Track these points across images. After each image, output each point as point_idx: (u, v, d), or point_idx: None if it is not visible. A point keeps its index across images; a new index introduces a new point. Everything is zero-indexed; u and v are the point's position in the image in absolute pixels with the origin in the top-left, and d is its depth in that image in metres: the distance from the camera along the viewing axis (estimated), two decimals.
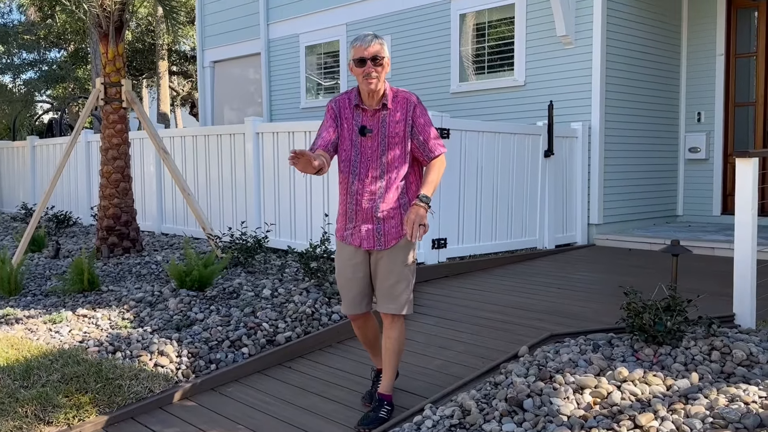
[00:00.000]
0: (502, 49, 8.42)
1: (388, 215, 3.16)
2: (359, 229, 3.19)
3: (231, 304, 4.97)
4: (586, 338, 3.85)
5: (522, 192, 6.87)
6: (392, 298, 3.20)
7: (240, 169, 7.49)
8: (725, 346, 3.36)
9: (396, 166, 3.14)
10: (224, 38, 12.85)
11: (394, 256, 3.19)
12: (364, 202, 3.15)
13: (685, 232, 7.53)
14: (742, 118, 8.33)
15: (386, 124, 3.14)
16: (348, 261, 3.24)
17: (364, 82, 3.07)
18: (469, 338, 4.38)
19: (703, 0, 8.31)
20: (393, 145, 3.13)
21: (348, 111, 3.18)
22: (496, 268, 6.34)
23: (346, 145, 3.16)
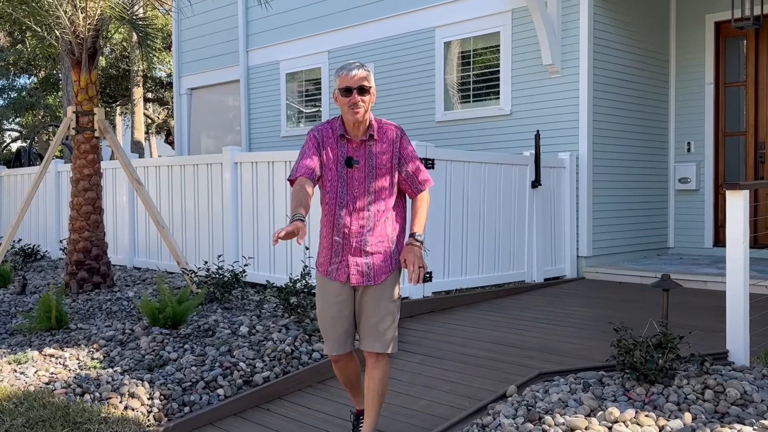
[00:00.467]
0: (488, 77, 8.55)
1: (377, 249, 3.16)
2: (346, 264, 3.16)
3: (206, 343, 4.93)
4: (576, 376, 3.85)
5: (509, 224, 6.92)
6: (378, 336, 3.18)
7: (217, 201, 7.48)
8: (719, 384, 3.38)
9: (383, 198, 3.15)
10: (202, 65, 12.93)
11: (381, 292, 3.17)
12: (351, 235, 3.13)
13: (677, 265, 7.60)
14: (732, 147, 8.48)
15: (373, 155, 3.15)
16: (333, 298, 3.20)
17: (350, 112, 3.08)
18: (455, 377, 4.36)
19: (691, 29, 8.52)
20: (380, 177, 3.14)
21: (332, 141, 3.16)
22: (483, 302, 6.35)
23: (331, 176, 3.14)
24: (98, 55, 7.18)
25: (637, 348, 3.52)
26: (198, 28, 12.93)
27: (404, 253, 3.08)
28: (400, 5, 9.45)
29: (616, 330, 3.61)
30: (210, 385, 4.28)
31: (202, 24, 12.79)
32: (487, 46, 8.61)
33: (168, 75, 23.44)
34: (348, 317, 3.22)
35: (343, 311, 3.20)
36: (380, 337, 3.18)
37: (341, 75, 3.08)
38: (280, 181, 6.75)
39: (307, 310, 5.32)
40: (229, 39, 12.22)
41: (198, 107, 13.43)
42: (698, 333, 4.71)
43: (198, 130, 13.48)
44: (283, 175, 6.71)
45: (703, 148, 8.47)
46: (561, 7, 7.72)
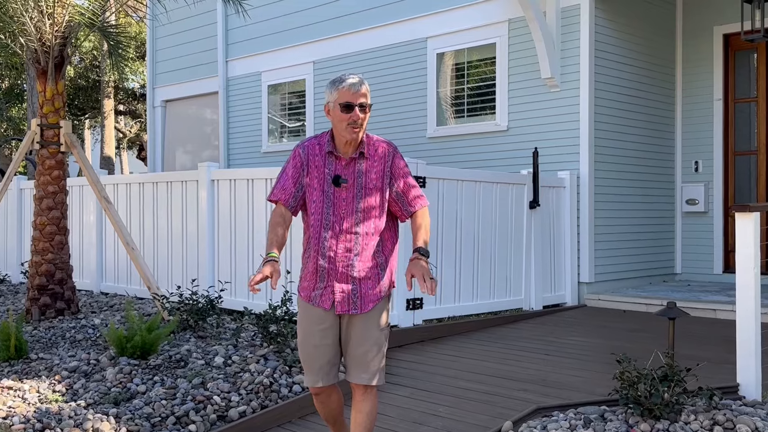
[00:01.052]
0: (483, 91, 8.62)
1: (365, 275, 3.13)
2: (331, 290, 3.13)
3: (177, 374, 4.89)
4: (576, 412, 3.85)
5: (505, 247, 6.93)
6: (365, 367, 3.15)
7: (192, 221, 7.47)
8: (728, 420, 3.39)
9: (373, 220, 3.13)
10: (178, 75, 12.97)
11: (369, 320, 3.15)
12: (337, 260, 3.11)
13: (684, 293, 7.64)
14: (743, 167, 8.57)
15: (362, 174, 3.13)
16: (316, 326, 3.17)
17: (348, 129, 3.06)
18: (447, 412, 4.35)
19: (698, 41, 8.64)
20: (369, 197, 3.12)
21: (319, 158, 3.15)
22: (477, 331, 6.35)
23: (316, 196, 3.13)
24: (66, 64, 7.20)
25: (641, 381, 3.53)
26: (174, 36, 12.98)
27: (410, 269, 3.02)
28: (389, 14, 9.54)
29: (618, 361, 3.61)
30: (181, 420, 4.24)
31: (178, 32, 12.84)
32: (482, 58, 8.69)
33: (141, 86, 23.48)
34: (332, 346, 3.19)
35: (326, 339, 3.17)
36: (367, 368, 3.15)
37: (341, 89, 3.05)
38: (260, 200, 6.75)
39: (287, 339, 5.29)
40: (207, 48, 12.27)
41: (173, 120, 13.44)
42: (707, 365, 4.72)
43: (173, 145, 13.48)
44: (263, 193, 6.71)
45: (712, 167, 8.56)
46: (560, 17, 7.82)
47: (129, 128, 26.37)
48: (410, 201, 3.20)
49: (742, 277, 4.03)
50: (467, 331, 6.30)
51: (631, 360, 3.62)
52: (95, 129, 26.28)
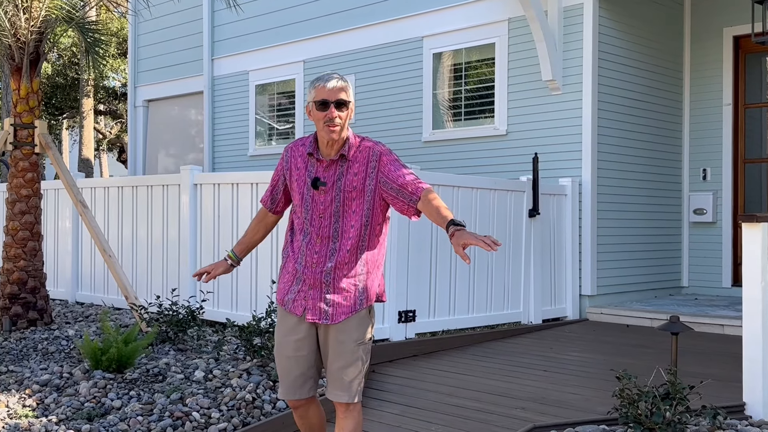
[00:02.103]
0: (482, 93, 8.66)
1: (340, 285, 3.12)
2: (304, 296, 3.15)
3: (155, 389, 4.88)
4: (574, 431, 3.86)
5: (503, 257, 6.95)
6: (343, 384, 3.14)
7: (173, 227, 7.46)
8: None
9: (352, 226, 3.11)
10: (161, 74, 12.98)
11: (345, 334, 3.13)
12: (313, 266, 3.12)
13: (691, 307, 7.66)
14: (753, 176, 8.62)
15: (343, 176, 3.11)
16: (290, 336, 3.17)
17: (325, 129, 3.05)
18: (439, 431, 4.35)
19: (707, 43, 8.69)
20: (349, 201, 3.10)
21: (300, 160, 3.19)
22: (473, 345, 6.36)
23: (297, 199, 3.19)
24: (42, 61, 7.20)
25: (642, 399, 3.54)
26: (157, 33, 13.00)
27: (457, 240, 2.78)
28: (384, 12, 9.58)
29: (618, 378, 3.62)
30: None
31: (162, 28, 12.86)
32: (480, 59, 8.73)
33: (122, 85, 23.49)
34: (307, 358, 3.18)
35: (300, 351, 3.17)
36: (344, 385, 3.14)
37: (317, 86, 3.06)
38: (245, 206, 6.76)
39: (272, 352, 5.28)
40: (192, 46, 12.30)
41: (155, 121, 13.45)
42: (713, 383, 4.73)
43: (155, 147, 13.48)
44: (249, 199, 6.72)
45: (721, 175, 8.60)
46: (562, 17, 7.86)
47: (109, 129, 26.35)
48: (412, 190, 3.05)
49: (749, 290, 4.06)
50: (462, 346, 6.30)
51: (632, 377, 3.62)
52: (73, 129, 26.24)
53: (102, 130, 25.72)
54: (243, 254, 3.44)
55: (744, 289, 4.08)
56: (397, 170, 3.09)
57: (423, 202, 3.02)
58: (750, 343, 4.06)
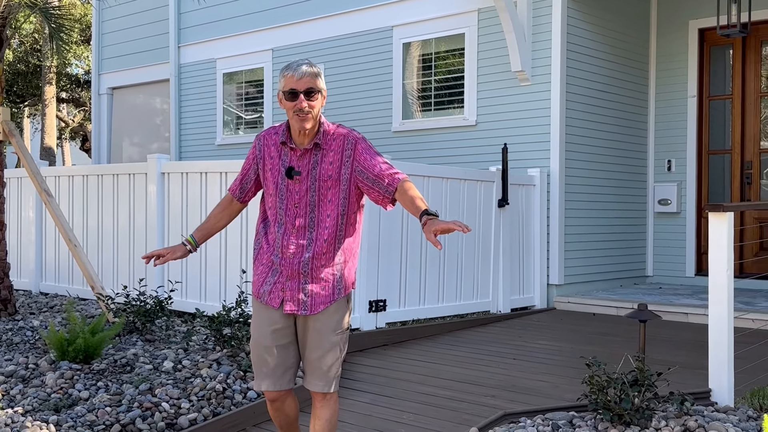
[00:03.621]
0: (451, 84, 8.68)
1: (318, 275, 3.11)
2: (281, 288, 3.12)
3: (123, 380, 4.84)
4: (545, 417, 3.91)
5: (473, 247, 6.99)
6: (320, 374, 3.13)
7: (140, 216, 7.38)
8: (700, 426, 3.46)
9: (329, 215, 3.09)
10: (126, 61, 12.80)
11: (324, 323, 3.12)
12: (289, 257, 3.10)
13: (656, 296, 7.78)
14: (717, 167, 8.76)
15: (318, 165, 3.08)
16: (268, 326, 3.14)
17: (295, 118, 3.02)
18: (411, 419, 4.38)
19: (673, 36, 8.81)
20: (324, 191, 3.08)
21: (273, 149, 3.14)
22: (443, 335, 6.39)
23: (272, 189, 3.13)
24: (4, 47, 7.05)
25: (611, 385, 3.59)
26: (122, 19, 12.80)
27: (429, 228, 2.79)
28: (354, 1, 9.54)
29: (588, 365, 3.67)
30: (127, 428, 4.19)
31: (127, 15, 12.67)
32: (450, 49, 8.74)
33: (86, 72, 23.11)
34: (285, 348, 3.17)
35: (278, 341, 3.15)
36: (323, 374, 3.13)
37: (286, 75, 3.00)
38: (214, 195, 6.70)
39: (242, 342, 5.26)
40: (158, 33, 12.13)
41: (120, 109, 13.27)
42: (679, 370, 4.82)
43: (119, 135, 13.30)
44: (218, 188, 6.66)
45: (685, 167, 8.73)
46: (532, 8, 7.90)
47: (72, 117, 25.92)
48: (388, 181, 3.04)
49: (715, 279, 4.13)
50: (433, 335, 6.33)
51: (601, 364, 3.68)
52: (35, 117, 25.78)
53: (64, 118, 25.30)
54: (202, 240, 3.38)
55: (710, 277, 4.15)
56: (372, 159, 3.07)
57: (399, 193, 3.03)
58: (716, 330, 4.13)
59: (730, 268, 4.10)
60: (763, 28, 8.26)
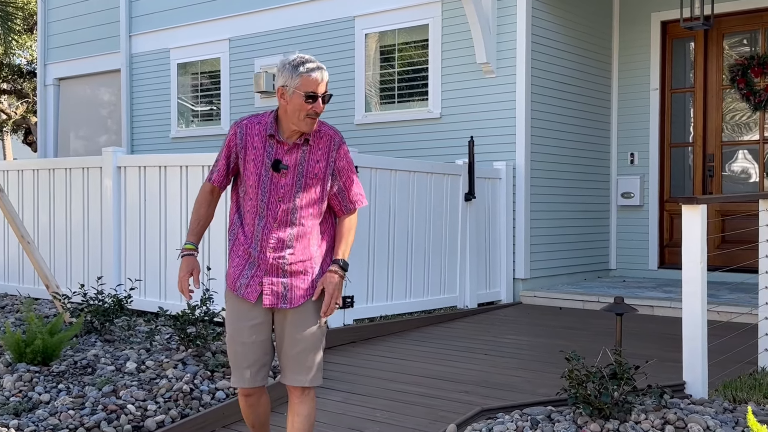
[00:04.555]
0: (415, 76, 8.68)
1: (297, 269, 3.13)
2: (259, 281, 3.12)
3: (85, 382, 4.74)
4: (522, 413, 3.94)
5: (440, 241, 7.01)
6: (303, 368, 3.14)
7: (95, 213, 7.23)
8: (679, 419, 3.53)
9: (311, 212, 3.14)
10: (74, 51, 12.52)
11: (304, 317, 3.14)
12: (269, 249, 3.10)
13: (620, 289, 7.91)
14: (679, 160, 8.94)
15: (305, 161, 3.12)
16: (246, 322, 3.15)
17: (306, 120, 3.03)
18: (384, 417, 4.37)
19: (635, 28, 8.94)
20: (310, 187, 3.11)
21: (258, 140, 3.12)
22: (411, 331, 6.41)
23: (253, 180, 3.11)
24: None
25: (590, 379, 3.63)
26: (70, 7, 12.52)
27: (323, 281, 3.08)
28: None
29: (567, 359, 3.71)
30: (91, 431, 4.11)
31: (75, 2, 12.41)
32: (414, 41, 8.74)
33: (29, 62, 22.52)
34: (263, 344, 3.17)
35: (256, 336, 3.15)
36: (304, 369, 3.14)
37: (305, 76, 2.99)
38: (174, 189, 6.60)
39: (207, 341, 5.20)
40: (108, 21, 11.90)
41: (67, 101, 12.98)
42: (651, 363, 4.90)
43: (67, 128, 13.01)
44: (178, 182, 6.56)
45: (648, 160, 8.89)
46: None
47: (14, 109, 25.26)
48: (351, 198, 3.21)
49: (688, 271, 4.21)
50: (400, 331, 6.34)
51: (580, 358, 3.72)
52: None
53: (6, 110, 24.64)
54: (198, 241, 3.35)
55: (684, 270, 4.23)
56: (349, 171, 3.21)
57: (343, 220, 3.22)
58: (689, 323, 4.21)
59: (703, 260, 4.19)
60: (726, 21, 8.45)
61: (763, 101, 8.26)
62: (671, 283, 8.27)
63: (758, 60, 8.26)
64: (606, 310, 4.13)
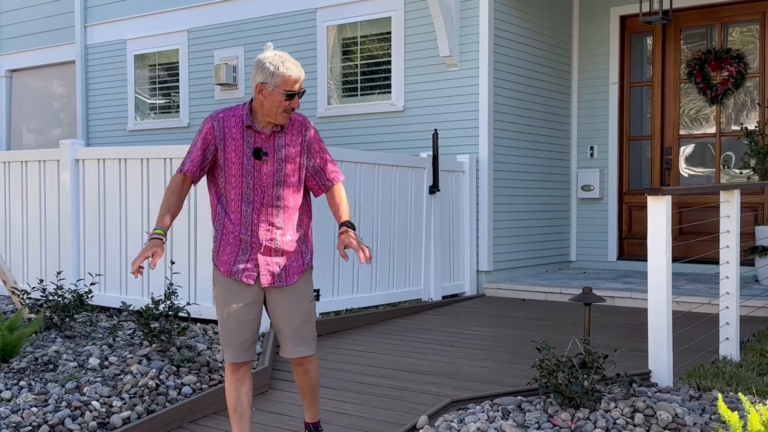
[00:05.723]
0: (378, 68, 8.67)
1: (288, 248, 3.37)
2: (255, 263, 3.34)
3: (47, 378, 4.66)
4: (493, 403, 3.97)
5: (405, 234, 7.02)
6: (301, 340, 3.42)
7: (53, 206, 7.08)
8: (648, 407, 3.59)
9: (292, 194, 3.37)
10: (26, 41, 12.25)
11: (298, 293, 3.40)
12: (261, 233, 3.32)
13: (581, 280, 8.02)
14: (637, 153, 9.08)
15: (282, 147, 3.34)
16: (240, 302, 3.36)
17: (282, 115, 3.25)
18: (354, 410, 4.37)
19: (595, 23, 9.05)
20: (289, 171, 3.35)
21: (236, 131, 3.31)
22: (377, 324, 6.42)
23: (235, 170, 3.30)
24: None
25: (560, 369, 3.67)
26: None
27: (342, 241, 3.32)
28: None
29: (538, 349, 3.75)
30: (56, 429, 4.04)
31: None
32: (377, 33, 8.73)
33: None
34: (255, 321, 3.42)
35: (249, 315, 3.39)
36: (303, 340, 3.43)
37: (282, 74, 3.19)
38: (135, 183, 6.50)
39: (172, 336, 5.14)
40: (62, 11, 11.66)
41: (20, 93, 12.69)
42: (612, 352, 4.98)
43: (19, 121, 12.72)
44: (138, 175, 6.46)
45: (607, 153, 9.01)
46: None
47: None
48: (327, 176, 3.45)
49: (654, 262, 4.27)
50: (366, 324, 6.34)
51: (551, 348, 3.76)
52: None
53: None
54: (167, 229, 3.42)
55: (649, 261, 4.30)
56: (322, 151, 3.45)
57: (332, 193, 3.46)
58: (655, 312, 4.28)
59: (668, 251, 4.26)
60: (683, 16, 8.59)
61: (720, 95, 8.44)
62: (630, 274, 8.41)
63: (715, 54, 8.43)
64: (574, 300, 4.18)
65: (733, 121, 8.52)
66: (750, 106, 8.41)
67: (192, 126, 10.24)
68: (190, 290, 6.05)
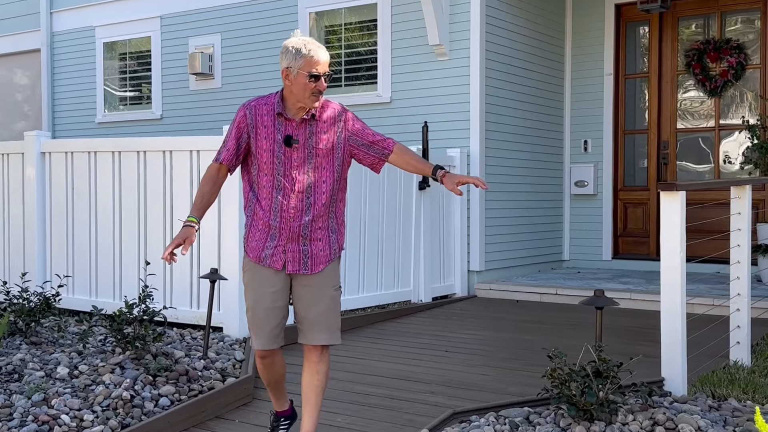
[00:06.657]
0: (363, 58, 8.46)
1: (316, 236, 3.46)
2: (282, 250, 3.43)
3: (12, 389, 4.42)
4: (498, 415, 3.79)
5: (394, 232, 6.84)
6: (324, 327, 3.49)
7: (17, 202, 6.84)
8: (669, 419, 3.41)
9: (324, 182, 3.44)
10: None
11: (322, 281, 3.48)
12: (290, 219, 3.42)
13: (576, 280, 7.87)
14: (632, 147, 8.95)
15: (314, 135, 3.42)
16: (268, 288, 3.46)
17: (311, 98, 3.34)
18: (346, 422, 4.18)
19: (589, 11, 8.89)
20: (320, 159, 3.42)
21: (268, 119, 3.43)
22: (365, 327, 6.25)
23: (267, 157, 3.42)
24: None
25: (573, 378, 3.49)
26: None
27: (450, 180, 3.34)
28: None
29: (550, 357, 3.56)
30: None
31: None
32: (362, 21, 8.52)
33: None
34: (282, 309, 3.51)
35: (277, 302, 3.48)
36: (327, 328, 3.50)
37: (306, 56, 3.31)
38: (105, 177, 6.25)
39: (147, 342, 4.89)
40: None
41: None
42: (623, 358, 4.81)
43: None
44: (110, 169, 6.22)
45: (602, 147, 8.87)
46: None
47: None
48: (382, 146, 3.49)
49: (667, 261, 4.11)
50: (354, 327, 6.16)
51: (564, 355, 3.58)
52: None
53: None
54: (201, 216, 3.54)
55: (662, 260, 4.13)
56: (364, 129, 3.52)
57: (396, 155, 3.50)
58: (669, 314, 4.12)
59: (682, 249, 4.09)
60: (681, 4, 8.47)
61: (719, 87, 8.32)
62: (626, 273, 8.28)
63: (714, 45, 8.31)
64: (585, 303, 4.00)
65: (734, 115, 8.40)
66: (751, 99, 8.31)
67: (165, 118, 9.98)
68: (166, 293, 5.83)
